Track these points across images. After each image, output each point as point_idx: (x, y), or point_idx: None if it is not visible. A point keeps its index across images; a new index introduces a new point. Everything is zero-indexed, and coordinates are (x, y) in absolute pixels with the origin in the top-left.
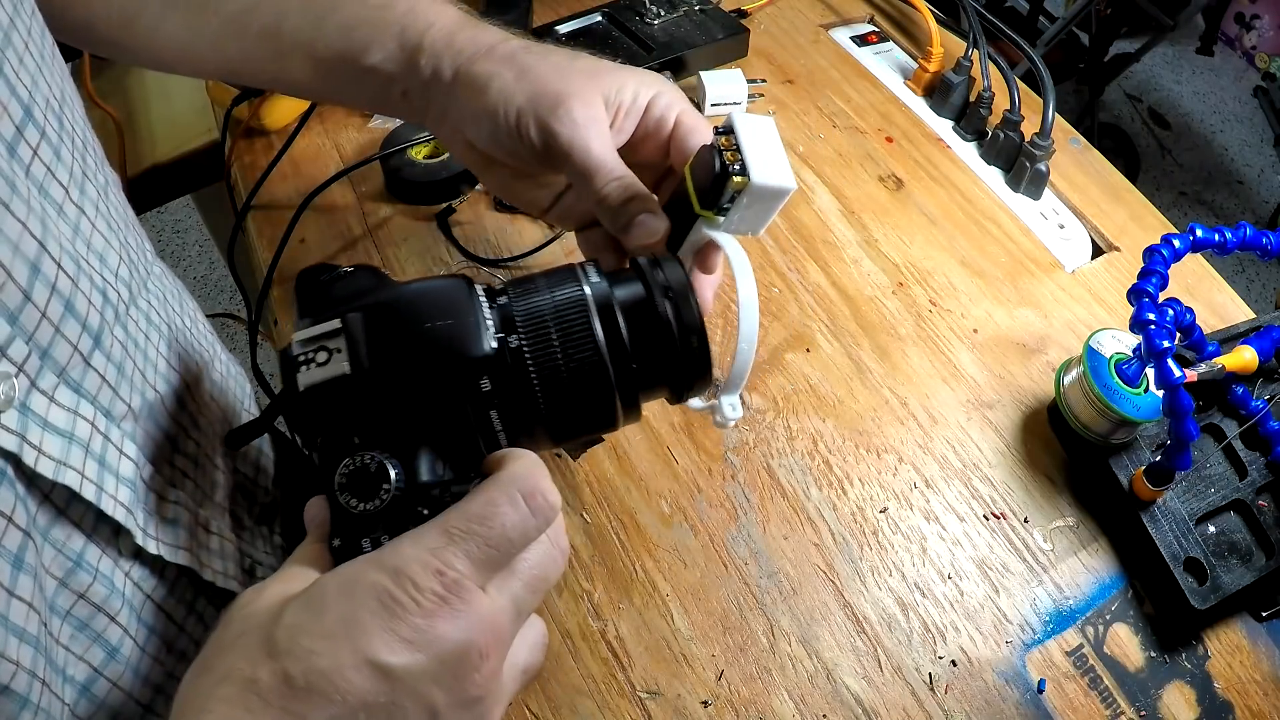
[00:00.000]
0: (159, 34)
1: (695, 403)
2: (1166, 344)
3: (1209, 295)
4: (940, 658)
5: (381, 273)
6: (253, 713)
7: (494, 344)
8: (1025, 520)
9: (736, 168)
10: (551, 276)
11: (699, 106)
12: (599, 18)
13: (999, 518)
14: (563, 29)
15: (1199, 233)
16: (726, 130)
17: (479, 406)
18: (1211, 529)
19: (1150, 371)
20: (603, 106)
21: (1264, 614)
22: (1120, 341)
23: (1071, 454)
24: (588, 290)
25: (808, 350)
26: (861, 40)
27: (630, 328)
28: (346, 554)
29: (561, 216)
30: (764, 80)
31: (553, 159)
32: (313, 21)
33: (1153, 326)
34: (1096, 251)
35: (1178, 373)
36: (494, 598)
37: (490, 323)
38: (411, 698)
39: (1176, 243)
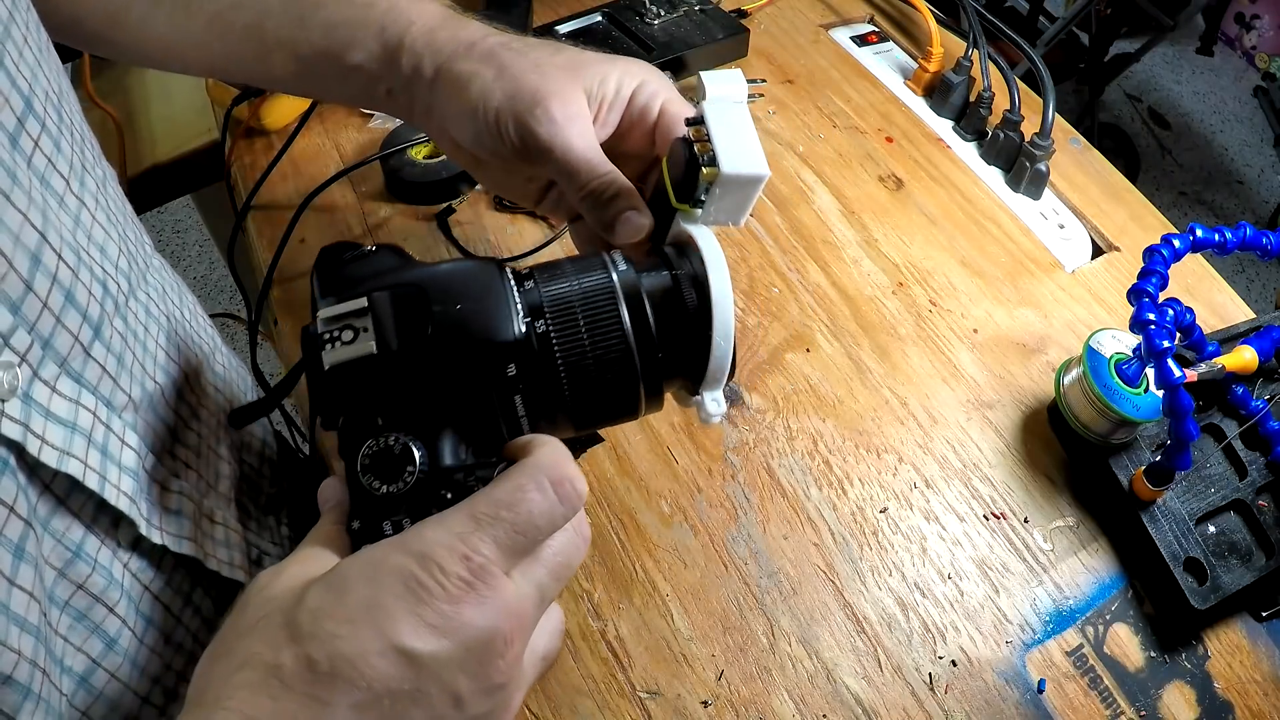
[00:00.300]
0: (145, 31)
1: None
2: (1166, 344)
3: (1209, 295)
4: (940, 658)
5: (405, 253)
6: (275, 698)
7: (522, 328)
8: (1025, 520)
9: (706, 159)
10: (578, 263)
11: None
12: (599, 18)
13: (999, 518)
14: (563, 29)
15: (1199, 233)
16: (697, 120)
17: (504, 391)
18: (1211, 529)
19: (1150, 371)
20: (584, 102)
21: (1264, 614)
22: (1120, 341)
23: (1071, 454)
24: (615, 278)
25: (808, 350)
26: (861, 40)
27: (657, 317)
28: (366, 536)
29: (553, 209)
30: (764, 80)
31: (533, 158)
32: (295, 20)
33: (1153, 326)
34: (1096, 251)
35: (1178, 373)
36: (519, 584)
37: (519, 307)
38: (437, 684)
39: (1176, 243)
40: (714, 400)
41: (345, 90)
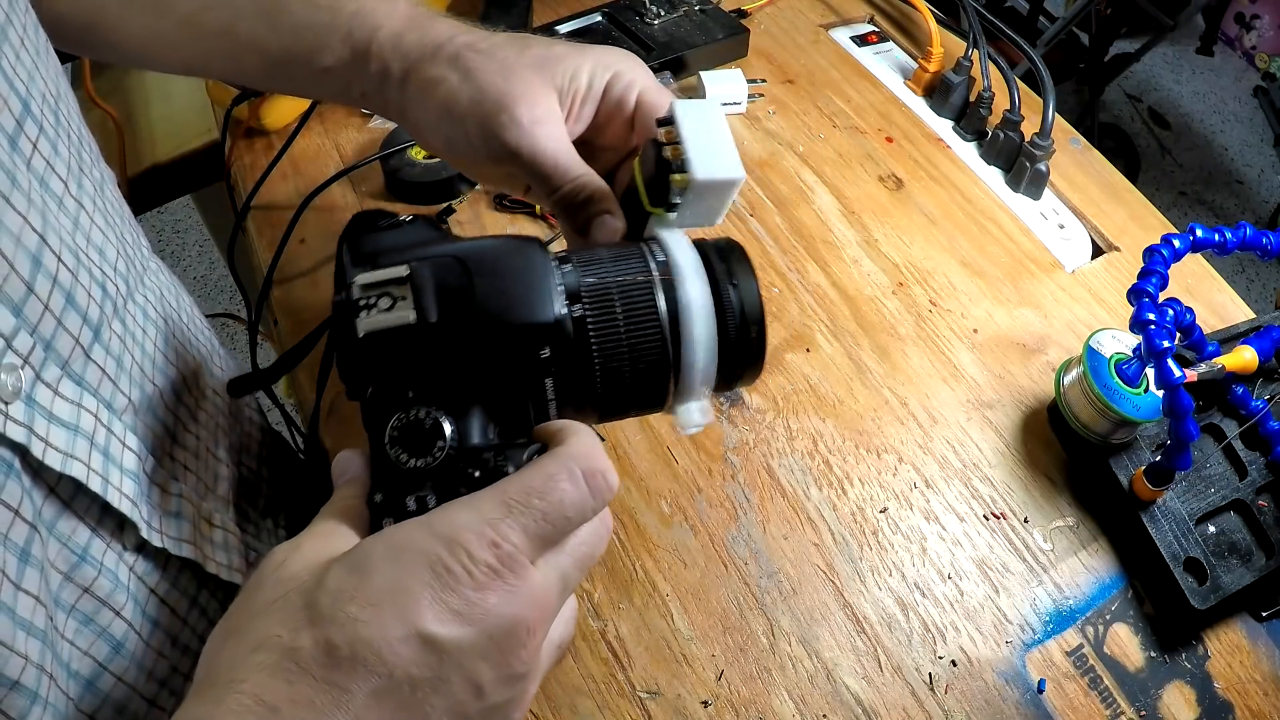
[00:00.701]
0: (121, 33)
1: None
2: (1166, 344)
3: (1209, 295)
4: (940, 658)
5: (439, 226)
6: (291, 682)
7: (561, 310)
8: (1025, 520)
9: (678, 163)
10: (616, 251)
11: None
12: (599, 18)
13: (999, 518)
14: (563, 29)
15: (1199, 233)
16: (668, 120)
17: (536, 373)
18: (1211, 529)
19: (1150, 371)
20: (555, 101)
21: (1264, 614)
22: (1120, 341)
23: (1071, 454)
24: (654, 269)
25: (808, 350)
26: (861, 40)
27: None
28: (387, 510)
29: (539, 197)
30: (764, 80)
31: (504, 162)
32: (265, 22)
33: (1153, 326)
34: (1096, 251)
35: (1178, 373)
36: (544, 573)
37: (560, 289)
38: (458, 672)
39: (1176, 243)
40: (688, 411)
41: (322, 90)
